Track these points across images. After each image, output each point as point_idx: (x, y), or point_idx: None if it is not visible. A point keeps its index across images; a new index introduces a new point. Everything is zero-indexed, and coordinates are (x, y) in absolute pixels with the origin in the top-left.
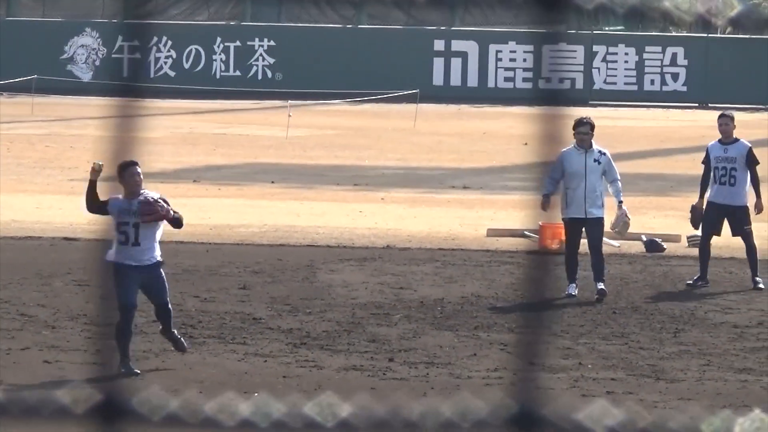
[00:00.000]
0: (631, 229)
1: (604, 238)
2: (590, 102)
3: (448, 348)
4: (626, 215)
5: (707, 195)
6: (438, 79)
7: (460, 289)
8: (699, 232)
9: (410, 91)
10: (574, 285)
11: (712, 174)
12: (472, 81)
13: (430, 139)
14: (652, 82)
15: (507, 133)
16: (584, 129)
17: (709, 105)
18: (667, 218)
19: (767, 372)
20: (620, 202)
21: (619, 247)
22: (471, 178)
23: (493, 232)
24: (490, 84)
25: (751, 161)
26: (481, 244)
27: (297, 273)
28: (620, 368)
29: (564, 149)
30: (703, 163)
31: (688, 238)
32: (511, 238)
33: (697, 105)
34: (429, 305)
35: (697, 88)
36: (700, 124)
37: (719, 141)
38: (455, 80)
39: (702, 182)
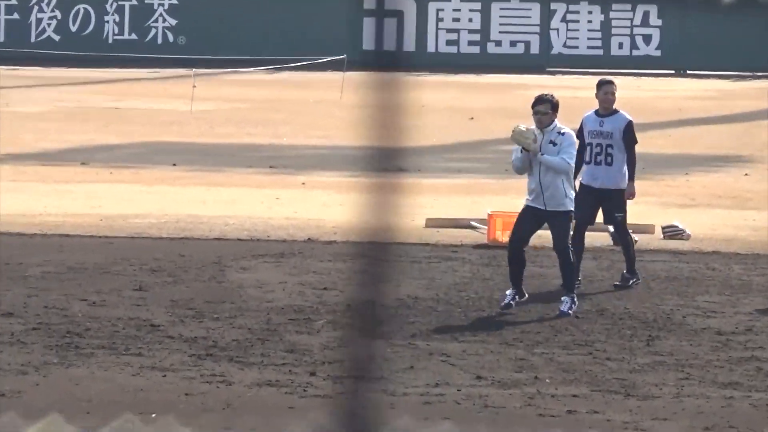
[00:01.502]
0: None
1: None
2: (548, 69)
3: (380, 359)
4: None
5: (579, 176)
6: (368, 43)
7: (394, 289)
8: (676, 222)
9: (336, 57)
10: (511, 293)
11: (587, 150)
12: (409, 45)
13: (359, 113)
14: (621, 45)
15: (450, 105)
16: (542, 108)
17: (688, 72)
18: (638, 205)
19: (756, 387)
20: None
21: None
22: (408, 158)
23: (433, 223)
24: (430, 48)
25: (629, 138)
26: (419, 237)
27: (202, 271)
28: (584, 383)
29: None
30: (577, 135)
31: (663, 228)
32: (455, 229)
33: (672, 72)
34: (357, 309)
35: (673, 53)
36: (677, 94)
37: (596, 112)
38: (389, 44)
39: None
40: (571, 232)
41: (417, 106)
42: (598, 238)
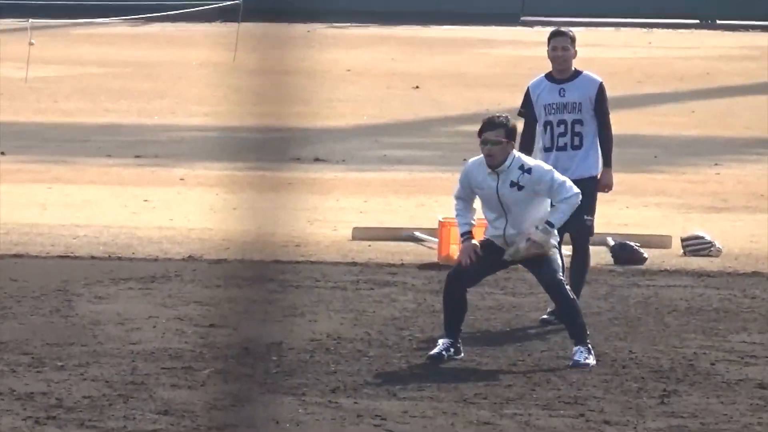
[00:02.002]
0: (598, 229)
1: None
2: (522, 19)
3: (289, 423)
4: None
5: None
6: None
7: (308, 326)
8: (701, 233)
9: (226, 3)
10: (445, 343)
11: (542, 131)
12: None
13: (257, 81)
14: None
15: (386, 69)
16: (492, 135)
17: (717, 23)
18: (649, 208)
19: None
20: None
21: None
22: (327, 144)
23: (362, 234)
24: None
25: (601, 105)
26: (343, 254)
27: (42, 302)
28: None
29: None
30: (520, 112)
31: (684, 241)
32: (392, 242)
33: (697, 23)
34: (258, 353)
35: None
36: (702, 53)
37: (548, 76)
38: None
39: (520, 142)
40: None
41: (340, 70)
42: (595, 255)
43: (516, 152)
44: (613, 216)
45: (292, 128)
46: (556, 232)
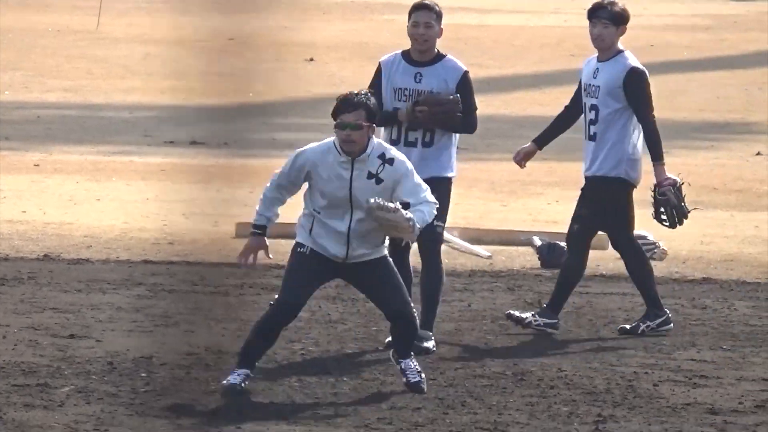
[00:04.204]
0: (517, 227)
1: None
2: None
3: None
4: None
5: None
6: None
7: (184, 337)
8: (643, 232)
9: None
10: (242, 375)
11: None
12: None
13: (124, 52)
14: None
15: (274, 38)
16: (351, 117)
17: None
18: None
19: None
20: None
21: (489, 257)
22: (206, 124)
23: (247, 230)
24: None
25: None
26: (224, 253)
27: None
28: None
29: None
30: (368, 91)
31: None
32: (284, 240)
33: None
34: (125, 369)
35: None
36: (646, 21)
37: (404, 55)
38: None
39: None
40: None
41: (221, 39)
42: (518, 256)
43: (375, 138)
44: (540, 212)
45: (165, 106)
46: None
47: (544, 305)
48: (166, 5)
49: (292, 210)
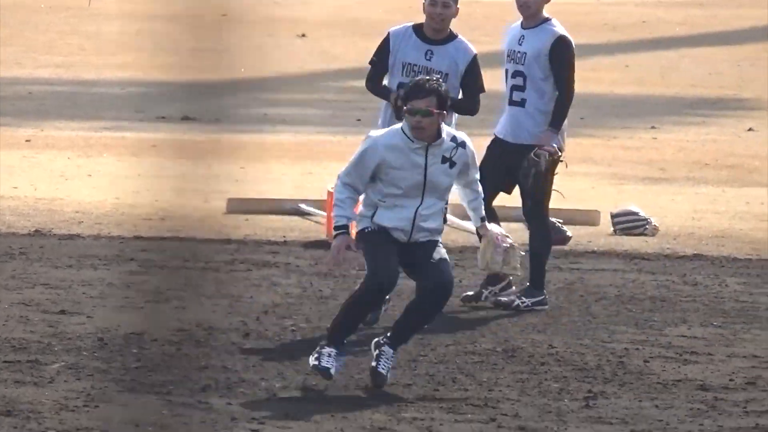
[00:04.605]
0: (499, 201)
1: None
2: None
3: (152, 427)
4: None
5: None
6: None
7: (175, 314)
8: (634, 208)
9: None
10: (333, 355)
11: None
12: None
13: (116, 28)
14: None
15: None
16: (423, 105)
17: None
18: (574, 179)
19: None
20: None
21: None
22: (198, 100)
23: (238, 206)
24: None
25: (473, 81)
26: (216, 229)
27: None
28: None
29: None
30: (372, 61)
31: (614, 217)
32: (274, 216)
33: None
34: (116, 345)
35: None
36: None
37: (416, 29)
38: None
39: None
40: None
41: (214, 15)
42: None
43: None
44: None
45: (157, 81)
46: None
47: (527, 284)
48: None
49: (279, 186)
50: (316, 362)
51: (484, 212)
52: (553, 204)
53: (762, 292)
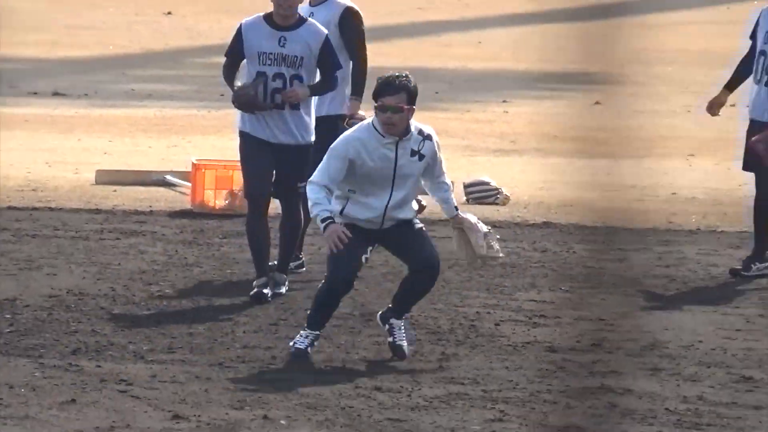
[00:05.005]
0: None
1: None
2: None
3: (24, 389)
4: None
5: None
6: None
7: (46, 280)
8: (486, 178)
9: None
10: (311, 336)
11: (252, 80)
12: None
13: None
14: None
15: None
16: (393, 101)
17: None
18: None
19: None
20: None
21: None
22: (68, 76)
23: (106, 177)
24: None
25: (326, 61)
26: (85, 199)
27: None
28: (338, 426)
29: None
30: (227, 54)
31: (466, 187)
32: (140, 187)
33: None
34: None
35: None
36: None
37: (266, 18)
38: None
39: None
40: None
41: None
42: None
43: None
44: None
45: (28, 58)
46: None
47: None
48: None
49: (146, 158)
50: (292, 345)
51: (455, 202)
52: None
53: (607, 258)
